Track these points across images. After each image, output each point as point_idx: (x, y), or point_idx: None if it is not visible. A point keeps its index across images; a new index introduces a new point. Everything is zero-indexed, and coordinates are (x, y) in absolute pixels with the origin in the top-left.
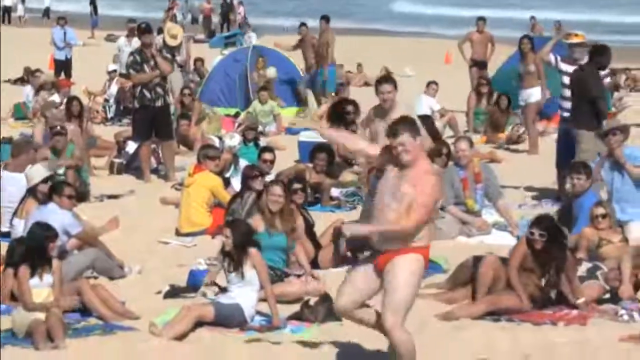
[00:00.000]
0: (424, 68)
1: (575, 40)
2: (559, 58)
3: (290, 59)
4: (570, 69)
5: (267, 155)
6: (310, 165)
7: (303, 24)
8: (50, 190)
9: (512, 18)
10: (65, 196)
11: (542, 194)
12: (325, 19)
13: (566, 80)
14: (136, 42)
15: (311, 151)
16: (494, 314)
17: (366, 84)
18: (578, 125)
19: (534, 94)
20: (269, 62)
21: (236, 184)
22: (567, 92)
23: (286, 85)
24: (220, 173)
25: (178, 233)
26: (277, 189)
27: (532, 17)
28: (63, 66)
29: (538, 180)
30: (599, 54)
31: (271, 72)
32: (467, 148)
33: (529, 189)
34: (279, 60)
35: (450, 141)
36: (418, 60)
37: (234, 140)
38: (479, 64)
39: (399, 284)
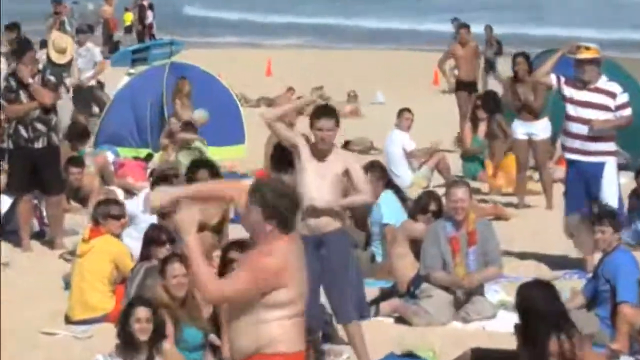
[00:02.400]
0: (407, 92)
1: (585, 55)
2: (562, 80)
3: (220, 80)
4: (577, 94)
5: None
6: None
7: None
8: None
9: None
10: None
11: (564, 262)
12: None
13: (572, 110)
14: None
15: None
16: None
17: None
18: None
19: (541, 128)
20: (194, 87)
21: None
22: (574, 127)
23: (219, 116)
24: None
25: (69, 320)
26: (177, 267)
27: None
28: None
29: (558, 245)
30: None
31: (200, 115)
32: (466, 197)
33: (545, 257)
34: (206, 82)
35: (440, 192)
36: (397, 82)
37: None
38: (468, 86)
39: None
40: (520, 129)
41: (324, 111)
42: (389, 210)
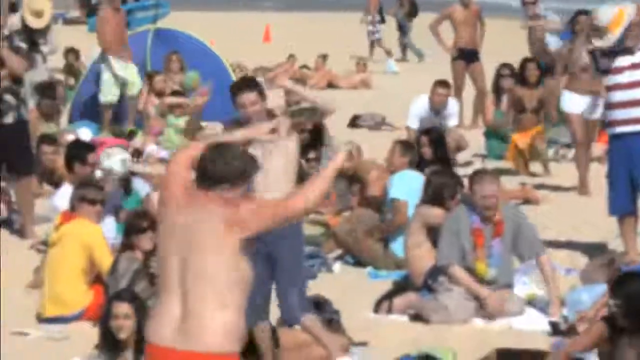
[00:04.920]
0: (422, 62)
1: None
2: None
3: (212, 48)
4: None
5: None
6: None
7: None
8: None
9: None
10: None
11: (602, 252)
12: None
13: (618, 75)
14: None
15: None
16: None
17: (331, 85)
18: None
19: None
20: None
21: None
22: (618, 95)
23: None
24: None
25: (41, 318)
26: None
27: None
28: None
29: (595, 232)
30: None
31: (191, 77)
32: (495, 192)
33: (581, 246)
34: (195, 51)
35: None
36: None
37: (113, 159)
38: (466, 55)
39: None
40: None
41: (241, 84)
42: (401, 186)
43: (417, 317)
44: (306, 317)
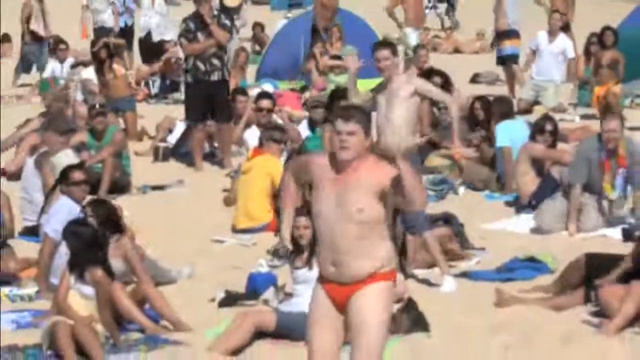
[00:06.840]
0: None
1: None
2: None
3: (370, 25)
4: None
5: None
6: None
7: None
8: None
9: None
10: (74, 184)
11: None
12: None
13: None
14: (160, 6)
15: None
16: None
17: (457, 50)
18: None
19: None
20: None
21: None
22: None
23: (367, 55)
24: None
25: (234, 229)
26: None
27: None
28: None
29: None
30: None
31: (349, 53)
32: (618, 128)
33: None
34: (355, 25)
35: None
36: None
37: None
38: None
39: (372, 325)
40: None
41: (379, 43)
42: (502, 135)
43: (523, 232)
44: (428, 233)
